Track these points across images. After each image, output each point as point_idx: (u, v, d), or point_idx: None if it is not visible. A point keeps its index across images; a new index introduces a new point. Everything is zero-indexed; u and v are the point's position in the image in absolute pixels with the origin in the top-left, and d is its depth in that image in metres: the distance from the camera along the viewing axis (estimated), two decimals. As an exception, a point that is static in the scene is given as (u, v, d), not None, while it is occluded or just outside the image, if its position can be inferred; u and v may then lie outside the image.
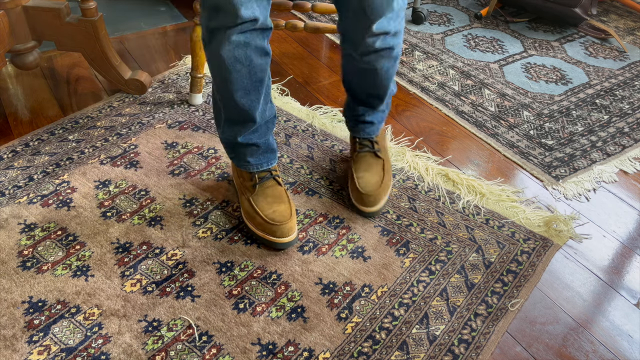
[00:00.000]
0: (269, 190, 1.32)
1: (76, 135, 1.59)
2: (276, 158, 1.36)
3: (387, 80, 1.32)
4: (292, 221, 1.27)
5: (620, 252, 1.36)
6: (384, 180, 1.38)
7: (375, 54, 1.23)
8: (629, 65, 2.10)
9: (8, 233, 1.29)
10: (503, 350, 1.13)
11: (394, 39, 1.22)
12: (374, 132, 1.43)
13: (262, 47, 1.15)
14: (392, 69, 1.30)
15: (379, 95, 1.36)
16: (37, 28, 1.65)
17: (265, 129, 1.29)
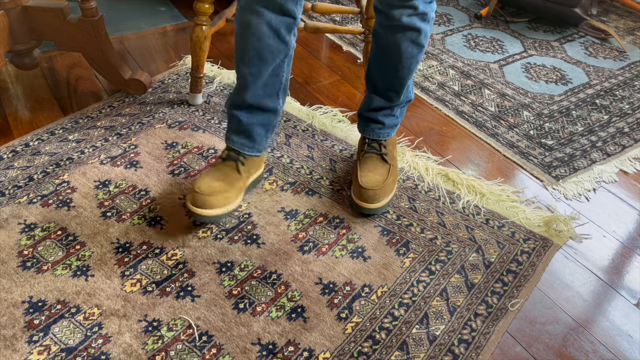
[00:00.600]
0: (224, 169, 1.32)
1: (76, 135, 1.59)
2: (254, 150, 1.33)
3: (408, 69, 1.32)
4: (219, 198, 1.26)
5: (620, 252, 1.36)
6: (387, 182, 1.37)
7: (401, 32, 1.25)
8: (629, 65, 2.10)
9: (8, 233, 1.29)
10: (503, 350, 1.13)
11: (421, 22, 1.24)
12: (384, 135, 1.43)
13: (276, 29, 1.18)
14: (415, 59, 1.30)
15: (396, 87, 1.36)
16: (37, 28, 1.65)
17: (260, 115, 1.30)
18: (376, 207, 1.35)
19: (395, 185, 1.42)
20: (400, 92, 1.37)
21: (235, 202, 1.31)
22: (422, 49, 1.30)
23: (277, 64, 1.24)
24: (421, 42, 1.28)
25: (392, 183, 1.40)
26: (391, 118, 1.42)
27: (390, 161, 1.42)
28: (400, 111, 1.44)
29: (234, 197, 1.30)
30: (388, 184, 1.38)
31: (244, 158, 1.33)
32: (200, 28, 1.60)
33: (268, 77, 1.25)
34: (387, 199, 1.37)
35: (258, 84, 1.25)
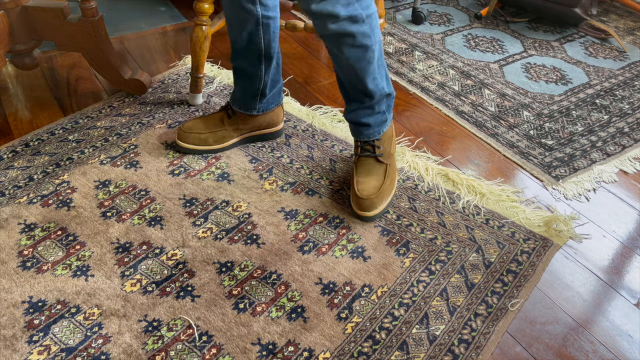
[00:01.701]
0: (213, 116, 1.55)
1: (76, 135, 1.59)
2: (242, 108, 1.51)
3: (362, 71, 1.28)
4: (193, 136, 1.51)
5: (620, 252, 1.36)
6: (383, 186, 1.37)
7: (336, 40, 1.22)
8: (629, 65, 2.10)
9: (8, 233, 1.29)
10: (503, 350, 1.13)
11: (352, 25, 1.19)
12: (373, 134, 1.41)
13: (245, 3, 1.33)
14: (363, 60, 1.26)
15: (361, 89, 1.33)
16: (37, 28, 1.65)
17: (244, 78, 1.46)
18: (374, 214, 1.35)
19: (394, 185, 1.41)
20: (368, 92, 1.34)
21: (212, 146, 1.53)
22: (367, 49, 1.25)
23: (250, 31, 1.38)
24: (362, 43, 1.24)
25: (389, 185, 1.39)
26: (376, 116, 1.40)
27: (385, 160, 1.42)
28: (384, 107, 1.40)
29: (210, 141, 1.52)
30: (385, 188, 1.37)
31: (231, 112, 1.53)
32: (200, 28, 1.60)
33: (244, 42, 1.40)
34: (386, 202, 1.38)
35: (237, 48, 1.43)
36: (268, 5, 1.36)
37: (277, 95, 1.54)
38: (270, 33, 1.40)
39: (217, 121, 1.53)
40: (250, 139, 1.58)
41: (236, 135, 1.55)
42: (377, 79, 1.33)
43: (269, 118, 1.56)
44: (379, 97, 1.36)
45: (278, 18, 1.41)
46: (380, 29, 1.31)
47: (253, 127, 1.55)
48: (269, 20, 1.38)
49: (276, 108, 1.56)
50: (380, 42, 1.29)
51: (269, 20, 1.38)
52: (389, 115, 1.44)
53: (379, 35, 1.27)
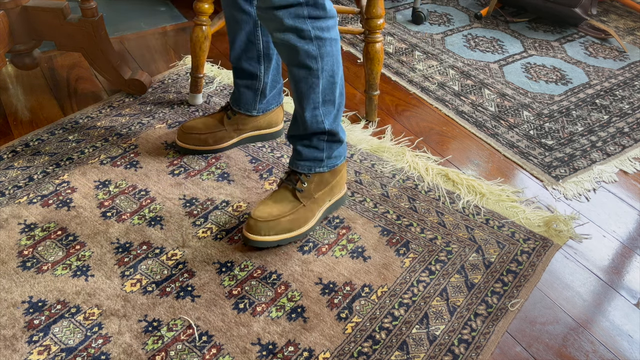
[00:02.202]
0: (214, 116, 1.55)
1: (76, 135, 1.59)
2: (241, 108, 1.51)
3: (301, 95, 1.20)
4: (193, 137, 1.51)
5: (620, 252, 1.36)
6: (281, 217, 1.25)
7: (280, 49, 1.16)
8: (629, 65, 2.10)
9: (8, 233, 1.29)
10: (503, 350, 1.13)
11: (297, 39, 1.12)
12: (302, 168, 1.28)
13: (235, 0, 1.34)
14: (304, 84, 1.18)
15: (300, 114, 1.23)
16: (37, 28, 1.65)
17: (243, 78, 1.46)
18: (254, 239, 1.24)
19: (296, 229, 1.27)
20: (303, 120, 1.23)
21: (211, 146, 1.52)
22: (310, 71, 1.16)
23: (249, 31, 1.40)
24: (304, 63, 1.15)
25: (289, 222, 1.25)
26: (310, 150, 1.27)
27: (304, 200, 1.28)
28: (323, 145, 1.27)
29: (210, 142, 1.52)
30: (282, 221, 1.25)
31: (231, 113, 1.52)
32: (200, 28, 1.60)
33: (243, 43, 1.42)
34: (276, 236, 1.25)
35: (236, 47, 1.43)
36: None
37: (277, 96, 1.54)
38: (268, 34, 1.38)
39: (217, 121, 1.52)
40: (250, 139, 1.57)
41: (236, 136, 1.54)
42: (317, 112, 1.22)
43: (269, 118, 1.55)
44: (314, 130, 1.24)
45: None
46: (338, 62, 1.19)
47: (253, 127, 1.55)
48: None
49: (276, 108, 1.56)
50: (333, 75, 1.19)
51: None
52: (327, 160, 1.29)
53: (331, 66, 1.18)
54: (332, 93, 1.22)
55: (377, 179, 1.50)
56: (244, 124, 1.53)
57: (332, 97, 1.22)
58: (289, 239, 1.27)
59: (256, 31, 1.40)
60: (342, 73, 1.23)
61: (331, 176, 1.32)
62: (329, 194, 1.33)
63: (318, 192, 1.31)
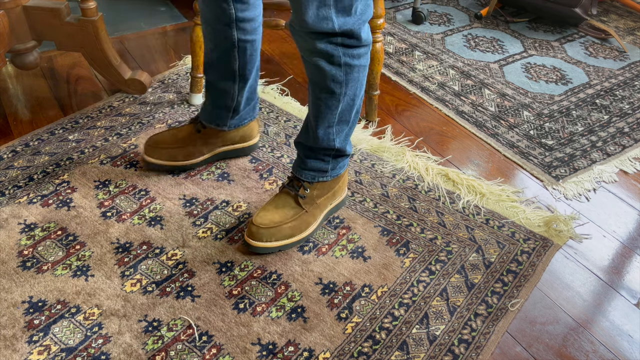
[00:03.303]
0: (184, 129, 1.47)
1: (76, 135, 1.59)
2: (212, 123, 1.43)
3: (318, 112, 1.19)
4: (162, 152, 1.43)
5: (620, 252, 1.36)
6: (284, 224, 1.25)
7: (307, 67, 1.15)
8: (629, 65, 2.10)
9: (8, 233, 1.29)
10: (503, 350, 1.13)
11: (326, 63, 1.10)
12: (305, 176, 1.28)
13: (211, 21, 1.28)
14: (323, 103, 1.17)
15: (312, 129, 1.22)
16: (37, 28, 1.65)
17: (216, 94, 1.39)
18: (257, 245, 1.24)
19: (298, 234, 1.27)
20: (315, 135, 1.22)
21: (180, 162, 1.44)
22: (332, 94, 1.15)
23: (226, 51, 1.32)
24: (328, 86, 1.13)
25: (291, 229, 1.26)
26: (315, 161, 1.26)
27: (306, 206, 1.28)
28: (329, 159, 1.27)
29: (179, 157, 1.44)
30: (283, 228, 1.24)
31: (200, 126, 1.44)
32: (200, 28, 1.60)
33: (219, 60, 1.34)
34: (277, 242, 1.25)
35: (211, 63, 1.37)
36: (246, 29, 1.29)
37: (251, 111, 1.46)
38: (246, 56, 1.33)
39: (186, 135, 1.44)
40: (223, 155, 1.49)
41: (207, 151, 1.46)
42: (331, 130, 1.21)
43: (242, 132, 1.48)
44: (324, 147, 1.24)
45: (258, 41, 1.34)
46: (362, 86, 1.18)
47: (225, 142, 1.47)
48: (246, 44, 1.31)
49: (251, 122, 1.48)
50: (354, 98, 1.18)
51: (246, 43, 1.31)
52: (331, 171, 1.29)
53: (354, 91, 1.17)
54: (349, 114, 1.21)
55: (377, 179, 1.50)
56: (215, 138, 1.45)
57: (349, 117, 1.21)
58: (291, 244, 1.27)
59: (233, 52, 1.32)
60: (363, 94, 1.21)
61: (334, 182, 1.32)
62: (331, 198, 1.34)
63: (320, 198, 1.30)
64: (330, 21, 1.03)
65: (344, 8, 1.03)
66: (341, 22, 1.04)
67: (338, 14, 1.03)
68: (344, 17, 1.04)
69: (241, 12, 1.26)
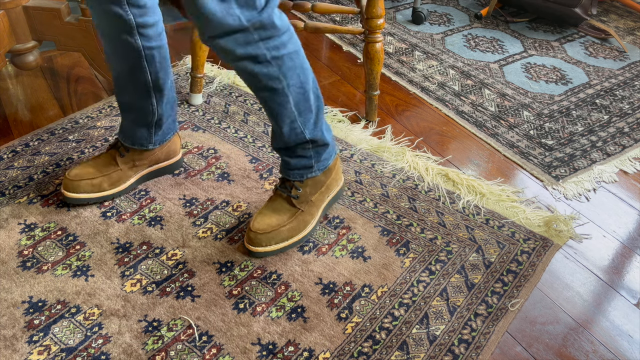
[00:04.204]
0: (104, 157, 1.39)
1: (76, 135, 1.59)
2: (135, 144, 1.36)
3: (274, 113, 1.16)
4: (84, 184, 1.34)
5: (620, 252, 1.36)
6: (281, 227, 1.24)
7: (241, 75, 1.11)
8: (629, 65, 2.10)
9: (8, 233, 1.29)
10: (503, 350, 1.13)
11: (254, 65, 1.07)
12: (293, 176, 1.26)
13: (111, 33, 1.20)
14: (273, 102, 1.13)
15: (278, 131, 1.19)
16: (37, 28, 1.65)
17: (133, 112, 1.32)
18: (257, 250, 1.24)
19: (297, 234, 1.27)
20: (282, 135, 1.20)
21: (107, 191, 1.36)
22: (275, 91, 1.12)
23: (133, 65, 1.24)
24: (267, 85, 1.10)
25: (289, 231, 1.25)
26: (297, 159, 1.24)
27: (300, 205, 1.27)
28: (310, 153, 1.24)
29: (105, 186, 1.36)
30: (282, 231, 1.24)
31: (124, 149, 1.38)
32: (200, 28, 1.60)
33: (128, 76, 1.27)
34: (277, 245, 1.25)
35: (120, 83, 1.29)
36: (149, 36, 1.23)
37: (172, 124, 1.41)
38: (156, 64, 1.27)
39: (108, 161, 1.37)
40: (148, 176, 1.43)
41: (133, 174, 1.39)
42: (295, 124, 1.18)
43: (166, 149, 1.42)
44: (297, 142, 1.21)
45: (164, 47, 1.28)
46: (304, 70, 1.13)
47: (151, 161, 1.41)
48: (153, 51, 1.25)
49: (173, 137, 1.43)
50: (303, 86, 1.14)
51: (153, 50, 1.25)
52: (317, 164, 1.26)
53: (297, 79, 1.12)
54: (307, 102, 1.16)
55: (377, 179, 1.50)
56: (140, 159, 1.39)
57: (308, 105, 1.17)
58: (291, 245, 1.27)
59: (141, 62, 1.25)
60: (313, 76, 1.17)
61: (325, 176, 1.30)
62: (326, 192, 1.33)
63: (314, 195, 1.29)
64: (234, 16, 0.99)
65: (246, 1, 0.99)
66: (248, 16, 1.00)
67: (242, 9, 0.99)
68: (249, 11, 1.00)
69: (140, 18, 1.20)
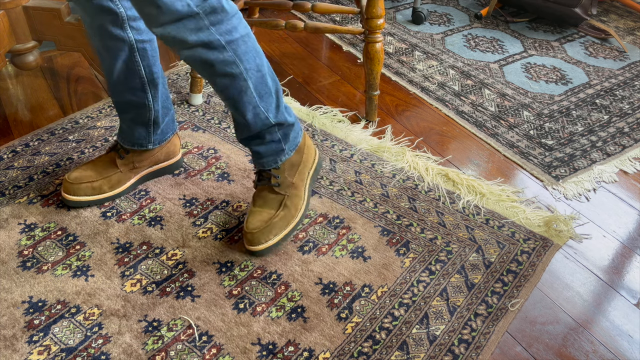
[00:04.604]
0: (103, 159, 1.39)
1: (76, 135, 1.59)
2: (134, 145, 1.36)
3: (235, 101, 1.16)
4: (85, 187, 1.34)
5: (620, 252, 1.36)
6: (273, 219, 1.24)
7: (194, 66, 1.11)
8: (629, 65, 2.10)
9: (8, 233, 1.29)
10: (503, 350, 1.13)
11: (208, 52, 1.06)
12: (268, 164, 1.27)
13: (102, 26, 1.18)
14: (233, 89, 1.13)
15: (241, 119, 1.20)
16: (37, 28, 1.65)
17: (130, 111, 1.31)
18: (258, 249, 1.24)
19: (290, 219, 1.27)
20: (247, 123, 1.20)
21: (107, 193, 1.37)
22: (233, 77, 1.12)
23: (126, 59, 1.23)
24: (224, 71, 1.10)
25: (282, 219, 1.25)
26: (268, 145, 1.25)
27: (284, 190, 1.28)
28: (278, 136, 1.24)
29: (106, 188, 1.36)
30: (275, 223, 1.24)
31: (123, 151, 1.37)
32: (200, 28, 1.60)
33: (121, 73, 1.25)
34: (275, 237, 1.25)
35: (114, 81, 1.27)
36: (140, 29, 1.22)
37: (171, 123, 1.41)
38: (148, 58, 1.26)
39: (108, 164, 1.37)
40: (148, 177, 1.44)
41: (133, 176, 1.40)
42: (258, 110, 1.18)
43: (166, 150, 1.42)
44: (262, 128, 1.21)
45: (155, 41, 1.27)
46: (258, 52, 1.14)
47: (151, 162, 1.41)
48: (145, 45, 1.24)
49: (173, 137, 1.43)
50: (260, 69, 1.14)
51: (145, 44, 1.24)
52: (288, 145, 1.27)
53: (254, 61, 1.13)
54: (265, 85, 1.16)
55: (377, 179, 1.50)
56: (140, 161, 1.39)
57: (267, 89, 1.17)
58: (289, 233, 1.27)
59: (134, 57, 1.24)
60: (265, 59, 1.16)
61: (298, 155, 1.30)
62: (304, 169, 1.32)
63: (294, 176, 1.29)
64: (183, 2, 0.99)
65: None
66: (196, 1, 1.00)
67: None
68: None
69: (130, 10, 1.19)
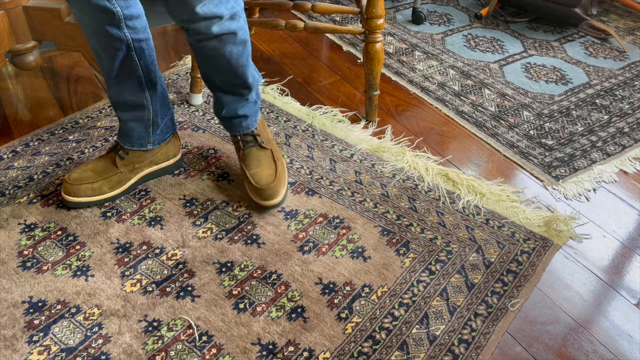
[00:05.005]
0: (103, 160, 1.40)
1: (76, 135, 1.59)
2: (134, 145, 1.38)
3: (242, 67, 1.30)
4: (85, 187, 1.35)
5: (620, 252, 1.36)
6: (277, 171, 1.38)
7: (218, 40, 1.22)
8: (629, 65, 2.10)
9: (8, 233, 1.29)
10: (503, 350, 1.13)
11: (232, 22, 1.21)
12: (252, 125, 1.41)
13: (99, 25, 1.19)
14: (243, 56, 1.28)
15: (240, 83, 1.33)
16: (37, 28, 1.65)
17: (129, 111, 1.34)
18: (278, 201, 1.36)
19: (283, 165, 1.42)
20: (247, 86, 1.35)
21: (107, 194, 1.37)
22: (246, 43, 1.27)
23: (123, 58, 1.24)
24: (243, 39, 1.26)
25: (282, 169, 1.40)
26: (251, 106, 1.39)
27: (268, 145, 1.42)
28: (255, 94, 1.40)
29: (106, 189, 1.37)
30: (280, 173, 1.38)
31: (123, 152, 1.38)
32: (200, 28, 1.60)
33: (120, 73, 1.27)
34: (285, 187, 1.39)
35: (112, 81, 1.29)
36: (137, 28, 1.24)
37: (170, 123, 1.42)
38: (146, 57, 1.28)
39: (108, 165, 1.38)
40: (146, 177, 1.44)
41: (133, 176, 1.40)
42: (254, 71, 1.36)
43: (166, 150, 1.44)
44: (254, 89, 1.37)
45: (151, 40, 1.29)
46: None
47: (150, 162, 1.42)
48: (142, 44, 1.26)
49: (172, 137, 1.45)
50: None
51: (142, 43, 1.26)
52: (259, 100, 1.43)
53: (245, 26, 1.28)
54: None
55: (377, 179, 1.50)
56: (140, 161, 1.40)
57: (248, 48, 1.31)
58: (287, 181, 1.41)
59: (131, 56, 1.25)
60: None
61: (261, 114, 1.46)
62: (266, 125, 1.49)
63: (265, 131, 1.44)
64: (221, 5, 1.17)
65: None
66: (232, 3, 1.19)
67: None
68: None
69: (127, 10, 1.20)
